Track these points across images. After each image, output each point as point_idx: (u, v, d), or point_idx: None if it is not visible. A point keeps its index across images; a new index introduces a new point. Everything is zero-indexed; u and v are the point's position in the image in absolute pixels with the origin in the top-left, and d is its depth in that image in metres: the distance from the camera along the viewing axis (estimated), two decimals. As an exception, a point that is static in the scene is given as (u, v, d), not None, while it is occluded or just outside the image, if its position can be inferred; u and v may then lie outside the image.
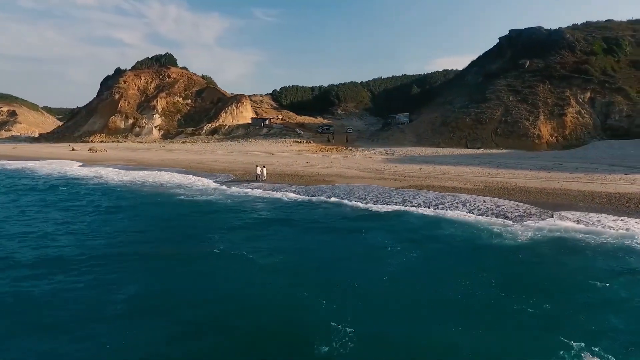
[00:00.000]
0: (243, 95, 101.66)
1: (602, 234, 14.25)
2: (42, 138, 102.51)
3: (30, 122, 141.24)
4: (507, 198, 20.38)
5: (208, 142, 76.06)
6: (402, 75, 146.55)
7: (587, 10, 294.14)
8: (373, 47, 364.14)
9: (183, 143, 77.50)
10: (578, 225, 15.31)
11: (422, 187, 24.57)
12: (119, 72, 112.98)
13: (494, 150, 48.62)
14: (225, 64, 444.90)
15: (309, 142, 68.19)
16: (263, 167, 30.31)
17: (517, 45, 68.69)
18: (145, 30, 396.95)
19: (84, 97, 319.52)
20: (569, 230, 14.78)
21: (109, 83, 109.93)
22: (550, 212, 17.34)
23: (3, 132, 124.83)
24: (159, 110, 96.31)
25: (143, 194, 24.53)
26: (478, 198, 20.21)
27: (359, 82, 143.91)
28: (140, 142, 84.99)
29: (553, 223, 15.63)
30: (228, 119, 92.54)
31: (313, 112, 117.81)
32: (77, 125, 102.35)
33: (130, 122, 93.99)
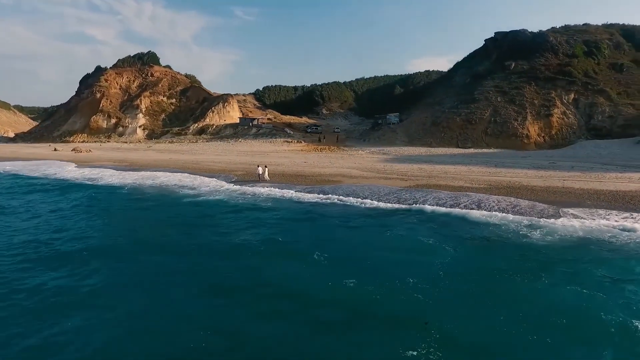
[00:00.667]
0: (230, 95, 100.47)
1: (634, 230, 14.63)
2: (18, 138, 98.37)
3: (3, 121, 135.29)
4: (517, 197, 20.87)
5: (196, 142, 74.74)
6: (384, 76, 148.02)
7: (561, 14, 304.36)
8: (352, 47, 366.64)
9: (170, 143, 75.91)
10: (605, 222, 15.77)
11: (430, 186, 24.89)
12: (100, 70, 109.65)
13: (485, 150, 49.73)
14: (203, 63, 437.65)
15: (300, 142, 67.96)
16: (265, 167, 30.05)
17: (502, 47, 70.44)
18: (120, 28, 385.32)
19: (57, 95, 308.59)
20: (596, 228, 15.09)
21: (89, 81, 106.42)
22: (568, 209, 17.86)
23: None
24: (143, 110, 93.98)
25: (160, 196, 23.91)
26: (491, 197, 20.61)
27: (342, 82, 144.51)
28: (125, 142, 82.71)
29: (581, 221, 15.95)
30: (215, 119, 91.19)
31: (297, 111, 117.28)
32: (55, 125, 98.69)
33: (113, 121, 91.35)
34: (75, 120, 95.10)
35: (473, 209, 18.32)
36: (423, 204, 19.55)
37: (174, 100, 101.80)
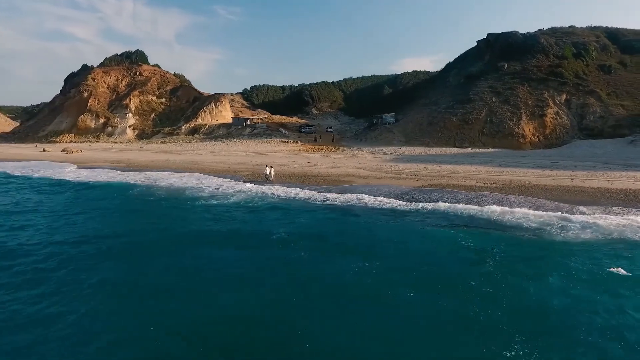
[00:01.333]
0: (222, 95, 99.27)
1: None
2: (1, 138, 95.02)
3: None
4: (533, 196, 21.16)
5: (190, 142, 73.59)
6: (371, 76, 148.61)
7: (545, 17, 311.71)
8: (336, 46, 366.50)
9: (163, 143, 74.53)
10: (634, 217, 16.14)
11: (443, 185, 25.03)
12: (86, 68, 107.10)
13: (483, 150, 50.48)
14: (187, 62, 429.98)
15: (297, 142, 67.68)
16: (270, 167, 29.77)
17: (494, 49, 71.71)
18: (100, 26, 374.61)
19: (37, 94, 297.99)
20: (628, 226, 15.33)
21: (75, 80, 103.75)
22: (584, 207, 18.19)
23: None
24: (132, 110, 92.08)
25: (178, 198, 23.15)
26: (509, 197, 20.79)
27: (330, 81, 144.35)
28: (115, 142, 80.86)
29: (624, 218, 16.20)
30: (207, 119, 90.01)
31: (286, 111, 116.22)
32: (40, 125, 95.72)
33: (102, 121, 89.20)
34: (62, 120, 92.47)
35: (502, 210, 18.13)
36: (450, 202, 19.46)
37: (164, 100, 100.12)
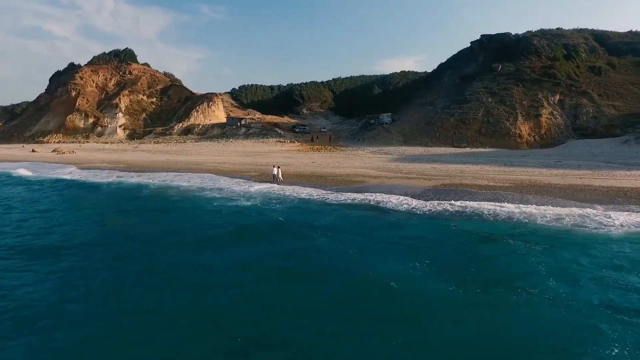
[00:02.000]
0: (214, 94, 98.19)
1: None
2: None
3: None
4: (549, 195, 21.37)
5: (185, 142, 72.44)
6: (360, 76, 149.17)
7: (527, 17, 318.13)
8: (322, 46, 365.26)
9: (156, 144, 73.21)
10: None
11: (456, 185, 25.10)
12: (73, 67, 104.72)
13: (482, 149, 51.11)
14: (170, 62, 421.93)
15: (294, 142, 67.34)
16: (278, 167, 29.48)
17: (488, 50, 72.77)
18: (79, 23, 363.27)
19: (15, 93, 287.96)
20: None
21: (62, 79, 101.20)
22: (602, 206, 18.50)
23: None
24: (123, 109, 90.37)
25: (204, 199, 22.64)
26: (528, 197, 20.87)
27: (320, 81, 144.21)
28: (105, 142, 79.15)
29: None
30: (200, 119, 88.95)
31: (275, 111, 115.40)
32: (26, 125, 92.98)
33: (91, 121, 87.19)
34: (49, 120, 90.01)
35: (532, 212, 17.89)
36: (476, 201, 19.45)
37: (155, 99, 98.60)
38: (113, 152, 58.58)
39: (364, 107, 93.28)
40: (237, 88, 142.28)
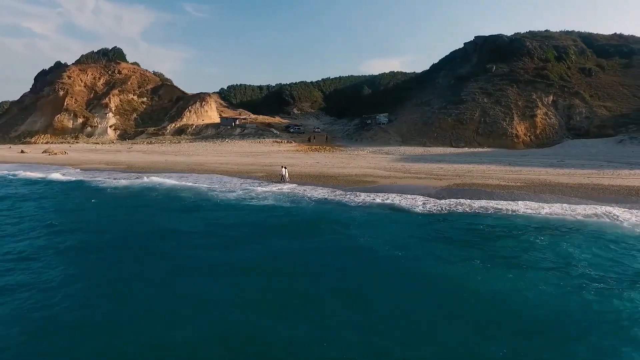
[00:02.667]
0: (207, 94, 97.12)
1: None
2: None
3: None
4: (563, 194, 21.64)
5: (179, 142, 71.30)
6: (349, 76, 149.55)
7: (513, 18, 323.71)
8: (309, 46, 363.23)
9: (149, 144, 71.86)
10: None
11: (469, 185, 25.24)
12: (60, 66, 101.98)
13: (480, 149, 51.69)
14: (153, 61, 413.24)
15: (291, 142, 66.96)
16: (285, 168, 29.30)
17: (482, 51, 73.76)
18: (59, 21, 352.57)
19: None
20: None
21: (49, 78, 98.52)
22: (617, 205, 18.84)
23: None
24: (113, 109, 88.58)
25: (220, 199, 22.21)
26: (544, 196, 21.17)
27: (309, 81, 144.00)
28: (96, 142, 77.39)
29: None
30: (193, 119, 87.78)
31: (265, 111, 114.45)
32: (11, 125, 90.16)
33: (80, 121, 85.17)
34: (36, 120, 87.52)
35: (566, 207, 18.15)
36: (512, 205, 19.03)
37: (146, 99, 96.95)
38: (107, 152, 57.25)
39: (355, 107, 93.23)
40: (225, 88, 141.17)
